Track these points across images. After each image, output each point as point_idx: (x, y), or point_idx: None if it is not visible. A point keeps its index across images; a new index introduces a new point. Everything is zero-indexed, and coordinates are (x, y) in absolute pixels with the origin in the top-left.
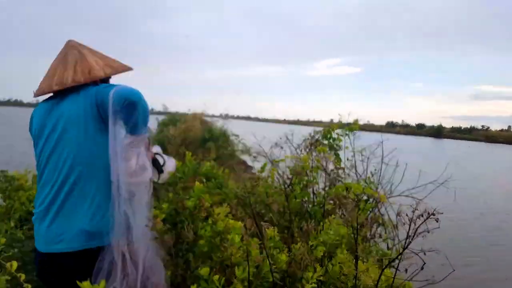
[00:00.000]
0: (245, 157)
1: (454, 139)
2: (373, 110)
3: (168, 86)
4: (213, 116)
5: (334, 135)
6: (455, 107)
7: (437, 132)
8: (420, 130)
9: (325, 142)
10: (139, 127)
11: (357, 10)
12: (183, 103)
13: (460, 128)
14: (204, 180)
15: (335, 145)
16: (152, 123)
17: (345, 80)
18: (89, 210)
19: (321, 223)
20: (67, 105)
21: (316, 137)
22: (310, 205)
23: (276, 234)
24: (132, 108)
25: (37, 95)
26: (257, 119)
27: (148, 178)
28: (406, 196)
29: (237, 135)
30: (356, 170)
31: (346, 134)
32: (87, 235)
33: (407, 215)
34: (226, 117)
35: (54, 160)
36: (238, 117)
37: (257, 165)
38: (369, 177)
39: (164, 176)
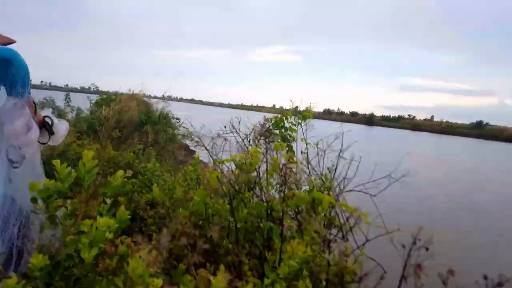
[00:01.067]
0: (187, 142)
1: (384, 126)
2: (311, 97)
3: (106, 65)
4: (154, 97)
5: (287, 124)
6: (385, 97)
7: (369, 120)
8: (353, 117)
9: (277, 132)
10: (18, 87)
11: (302, 1)
12: (120, 83)
13: (389, 116)
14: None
15: (288, 136)
16: (83, 103)
17: (287, 67)
18: None
19: (279, 247)
20: None
21: (267, 125)
22: (262, 220)
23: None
24: (7, 66)
25: None
26: (201, 102)
27: (34, 137)
28: (359, 191)
29: (178, 119)
30: (309, 165)
31: (299, 123)
32: None
33: None
34: (167, 98)
35: None
36: (181, 100)
37: (200, 152)
38: (326, 174)
39: (56, 139)
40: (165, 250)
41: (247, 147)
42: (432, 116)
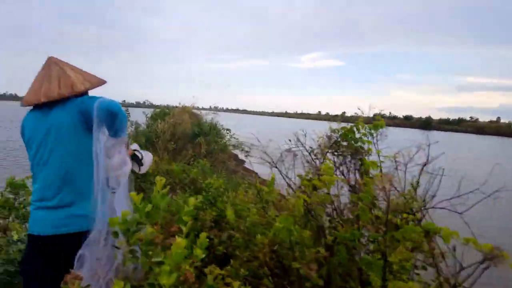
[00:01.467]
0: (236, 151)
1: (443, 130)
2: (359, 102)
3: (154, 80)
4: (202, 109)
5: (358, 135)
6: (441, 99)
7: (426, 124)
8: (407, 121)
9: (345, 143)
10: (120, 132)
11: (338, 3)
12: (170, 97)
13: (448, 119)
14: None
15: (359, 148)
16: (139, 117)
17: (330, 72)
18: (84, 198)
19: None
20: (56, 114)
21: (335, 137)
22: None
23: None
24: (113, 117)
25: (25, 105)
26: (245, 112)
27: (128, 170)
28: (443, 208)
29: (228, 129)
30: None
31: (371, 133)
32: (81, 218)
33: None
34: (214, 109)
35: (52, 160)
36: (226, 110)
37: (252, 163)
38: (410, 191)
39: (144, 168)
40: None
41: (314, 162)
42: (498, 118)
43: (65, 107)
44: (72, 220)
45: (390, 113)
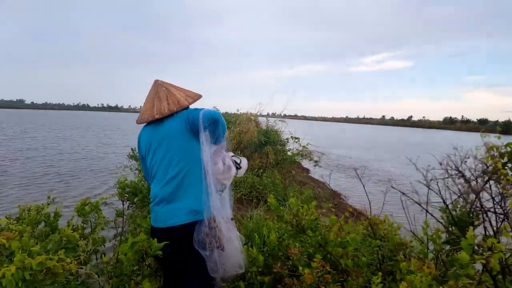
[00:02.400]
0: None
1: None
2: (427, 105)
3: (217, 89)
4: (267, 116)
5: None
6: None
7: (506, 128)
8: (482, 125)
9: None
10: (220, 137)
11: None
12: (233, 105)
13: None
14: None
15: None
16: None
17: (396, 74)
18: (193, 194)
19: None
20: (168, 125)
21: (495, 157)
22: None
23: None
24: (216, 124)
25: (140, 123)
26: (304, 117)
27: (234, 174)
28: None
29: (297, 138)
30: None
31: None
32: (194, 212)
33: None
34: (271, 116)
35: (166, 163)
36: (285, 116)
37: (317, 171)
38: None
39: (241, 172)
40: None
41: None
42: None
43: (174, 119)
44: (184, 212)
45: (462, 116)
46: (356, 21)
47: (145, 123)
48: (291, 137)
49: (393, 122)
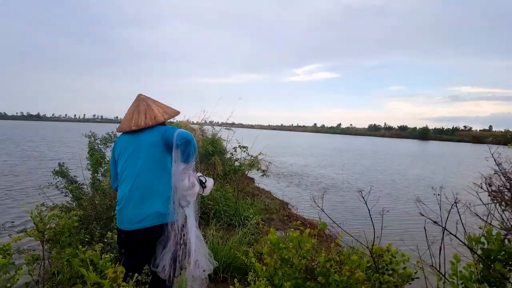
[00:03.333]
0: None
1: (439, 140)
2: (354, 114)
3: (153, 94)
4: (212, 124)
5: None
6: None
7: (423, 134)
8: (403, 132)
9: None
10: (190, 157)
11: (332, 16)
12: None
13: (442, 129)
14: None
15: None
16: None
17: (325, 85)
18: (160, 200)
19: None
20: (145, 137)
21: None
22: None
23: None
24: (187, 144)
25: (119, 131)
26: (241, 125)
27: (197, 191)
28: None
29: (245, 147)
30: None
31: None
32: (161, 215)
33: None
34: (209, 124)
35: (138, 170)
36: (222, 124)
37: (262, 180)
38: None
39: (207, 191)
40: None
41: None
42: (490, 126)
43: (152, 131)
44: (152, 216)
45: (385, 124)
46: (289, 33)
47: (123, 132)
48: (239, 146)
49: (325, 130)
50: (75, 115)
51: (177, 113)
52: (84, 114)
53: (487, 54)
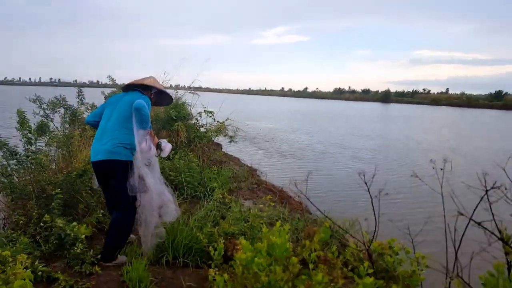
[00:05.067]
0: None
1: (399, 103)
2: (320, 78)
3: (111, 58)
4: (176, 88)
5: None
6: (396, 73)
7: (385, 97)
8: (366, 95)
9: None
10: (143, 123)
11: None
12: (132, 75)
13: (403, 92)
14: None
15: None
16: (94, 98)
17: (293, 48)
18: (113, 142)
19: None
20: (126, 97)
21: None
22: None
23: None
24: (136, 112)
25: (122, 89)
26: (208, 89)
27: (153, 153)
28: None
29: (211, 112)
30: None
31: None
32: (109, 153)
33: None
34: (197, 89)
35: (109, 115)
36: (189, 88)
37: (230, 149)
38: None
39: (164, 153)
40: None
41: None
42: (447, 89)
43: (134, 95)
44: (114, 153)
45: (349, 87)
46: None
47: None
48: (204, 111)
49: (292, 94)
50: (29, 79)
51: (164, 88)
52: (40, 78)
53: (450, 18)
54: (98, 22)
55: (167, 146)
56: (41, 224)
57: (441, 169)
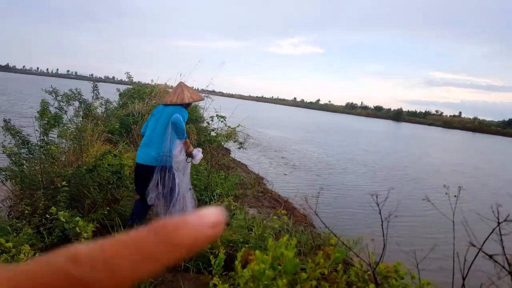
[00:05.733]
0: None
1: (412, 123)
2: (333, 90)
3: (132, 55)
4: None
5: None
6: (409, 92)
7: (397, 115)
8: (379, 112)
9: None
10: (179, 135)
11: None
12: (149, 74)
13: (415, 112)
14: None
15: None
16: (108, 93)
17: (308, 59)
18: (158, 150)
19: None
20: (167, 110)
21: None
22: None
23: None
24: (173, 126)
25: (162, 103)
26: (221, 94)
27: (182, 160)
28: None
29: (223, 117)
30: None
31: None
32: (154, 160)
33: None
34: (210, 93)
35: (153, 126)
36: (202, 91)
37: (238, 155)
38: None
39: (195, 161)
40: None
41: None
42: (460, 112)
43: (173, 109)
44: (157, 160)
45: (362, 103)
46: (278, 2)
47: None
48: (216, 115)
49: (304, 105)
50: (47, 69)
51: (202, 98)
52: (57, 69)
53: (464, 39)
54: (118, 19)
55: (198, 155)
56: (47, 216)
57: (455, 196)
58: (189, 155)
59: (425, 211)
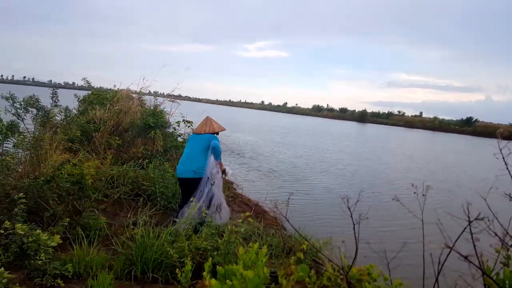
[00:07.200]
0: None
1: (376, 123)
2: (299, 94)
3: (91, 60)
4: (154, 94)
5: None
6: (372, 93)
7: (362, 117)
8: (344, 114)
9: None
10: (217, 156)
11: None
12: (109, 79)
13: (379, 113)
14: None
15: None
16: (67, 100)
17: (274, 63)
18: (197, 164)
19: None
20: (202, 137)
21: None
22: None
23: None
24: (213, 150)
25: (194, 133)
26: (188, 98)
27: (219, 176)
28: None
29: (190, 122)
30: None
31: None
32: (194, 173)
33: None
34: (154, 95)
35: (191, 145)
36: (168, 95)
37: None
38: None
39: (228, 176)
40: None
41: None
42: (421, 112)
43: (207, 136)
44: (196, 173)
45: (327, 105)
46: (245, 5)
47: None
48: (183, 120)
49: (271, 108)
50: (1, 76)
51: (224, 129)
52: (13, 75)
53: (425, 42)
54: (78, 22)
55: (229, 172)
56: (1, 231)
57: (423, 195)
58: (223, 172)
59: (392, 209)
